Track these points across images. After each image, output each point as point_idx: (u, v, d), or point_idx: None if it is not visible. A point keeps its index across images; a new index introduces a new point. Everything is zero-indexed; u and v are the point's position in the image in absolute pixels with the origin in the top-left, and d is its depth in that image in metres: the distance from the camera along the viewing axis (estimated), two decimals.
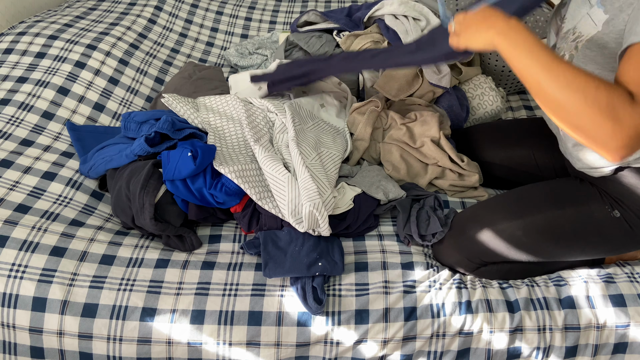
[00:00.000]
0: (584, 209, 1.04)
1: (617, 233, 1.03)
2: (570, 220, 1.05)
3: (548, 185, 1.11)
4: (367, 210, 1.19)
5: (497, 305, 1.05)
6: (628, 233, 1.02)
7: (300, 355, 1.03)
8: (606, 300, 1.06)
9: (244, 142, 1.30)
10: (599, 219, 1.03)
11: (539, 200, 1.09)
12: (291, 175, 1.14)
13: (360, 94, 1.60)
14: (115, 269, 1.05)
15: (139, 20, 1.85)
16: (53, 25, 1.67)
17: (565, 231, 1.05)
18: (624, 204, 1.01)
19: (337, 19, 1.67)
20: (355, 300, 1.04)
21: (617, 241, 1.04)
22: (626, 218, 1.01)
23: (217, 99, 1.40)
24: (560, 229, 1.05)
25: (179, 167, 1.12)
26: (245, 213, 1.17)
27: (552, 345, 1.04)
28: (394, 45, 1.34)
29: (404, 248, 1.15)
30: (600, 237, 1.04)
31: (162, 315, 1.00)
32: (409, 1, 1.61)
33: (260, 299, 1.03)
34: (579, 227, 1.04)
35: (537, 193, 1.11)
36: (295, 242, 1.10)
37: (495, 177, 1.37)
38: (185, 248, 1.13)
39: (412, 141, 1.35)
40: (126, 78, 1.62)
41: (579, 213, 1.04)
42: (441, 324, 1.03)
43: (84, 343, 0.99)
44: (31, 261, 1.03)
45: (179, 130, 1.25)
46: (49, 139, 1.35)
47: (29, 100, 1.40)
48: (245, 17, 2.10)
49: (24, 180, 1.19)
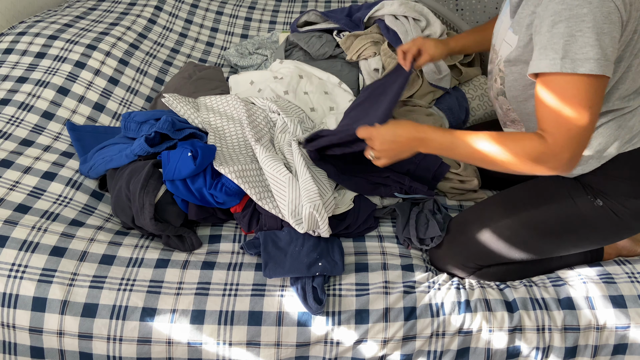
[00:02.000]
0: (568, 202, 1.05)
1: (604, 222, 1.03)
2: (556, 214, 1.06)
3: (532, 184, 1.13)
4: (366, 210, 1.19)
5: (495, 305, 1.05)
6: (614, 221, 1.03)
7: (300, 355, 1.03)
8: (606, 301, 1.06)
9: (244, 142, 1.30)
10: (584, 210, 1.04)
11: (523, 198, 1.10)
12: (292, 176, 1.14)
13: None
14: (115, 269, 1.05)
15: (139, 20, 1.85)
16: (53, 25, 1.67)
17: (552, 225, 1.06)
18: (605, 194, 1.02)
19: (337, 19, 1.68)
20: (356, 300, 1.04)
21: (606, 230, 1.05)
22: (610, 207, 1.02)
23: (218, 99, 1.40)
24: (547, 223, 1.06)
25: (179, 167, 1.12)
26: (245, 213, 1.17)
27: (552, 345, 1.05)
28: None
29: (403, 251, 1.15)
30: (588, 227, 1.05)
31: (162, 315, 1.00)
32: (409, 2, 1.61)
33: (260, 299, 1.03)
34: (565, 220, 1.05)
35: (522, 192, 1.12)
36: (295, 242, 1.10)
37: (494, 179, 1.37)
38: (185, 248, 1.13)
39: None
40: (126, 78, 1.62)
41: (563, 206, 1.05)
42: (441, 323, 1.03)
43: (84, 343, 0.99)
44: (31, 261, 1.03)
45: (179, 130, 1.25)
46: (49, 139, 1.35)
47: (29, 100, 1.40)
48: (245, 17, 2.10)
49: (24, 180, 1.19)
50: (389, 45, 1.56)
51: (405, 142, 0.99)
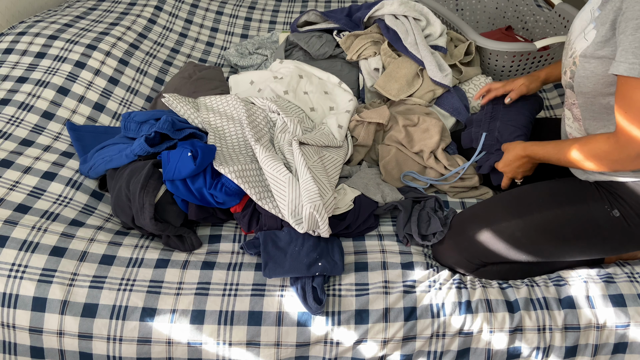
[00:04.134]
0: (583, 208, 1.04)
1: (616, 232, 1.03)
2: (569, 219, 1.05)
3: (547, 185, 1.12)
4: (367, 210, 1.19)
5: (497, 305, 1.05)
6: (627, 232, 1.02)
7: (300, 355, 1.03)
8: (606, 300, 1.06)
9: (244, 142, 1.30)
10: (598, 218, 1.03)
11: (537, 200, 1.09)
12: (292, 176, 1.14)
13: (360, 94, 1.60)
14: (115, 269, 1.05)
15: (139, 20, 1.85)
16: (53, 25, 1.67)
17: (564, 231, 1.05)
18: (624, 202, 1.01)
19: (337, 19, 1.68)
20: (355, 300, 1.04)
21: (616, 241, 1.04)
22: (625, 216, 1.01)
23: (218, 98, 1.40)
24: (560, 228, 1.05)
25: (179, 167, 1.12)
26: (245, 213, 1.17)
27: (552, 345, 1.04)
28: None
29: (403, 248, 1.15)
30: (599, 236, 1.04)
31: (162, 315, 1.00)
32: (409, 1, 1.61)
33: (260, 299, 1.03)
34: (578, 227, 1.04)
35: (536, 193, 1.11)
36: (295, 242, 1.10)
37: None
38: (185, 248, 1.13)
39: (410, 145, 1.35)
40: (126, 78, 1.62)
41: (577, 212, 1.04)
42: (441, 324, 1.03)
43: (84, 343, 0.99)
44: (31, 261, 1.03)
45: (179, 130, 1.25)
46: (49, 139, 1.35)
47: (29, 100, 1.40)
48: (245, 17, 2.10)
49: (24, 180, 1.19)
50: (389, 44, 1.56)
51: (518, 161, 1.17)
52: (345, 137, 1.38)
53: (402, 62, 1.51)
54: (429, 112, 1.46)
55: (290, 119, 1.33)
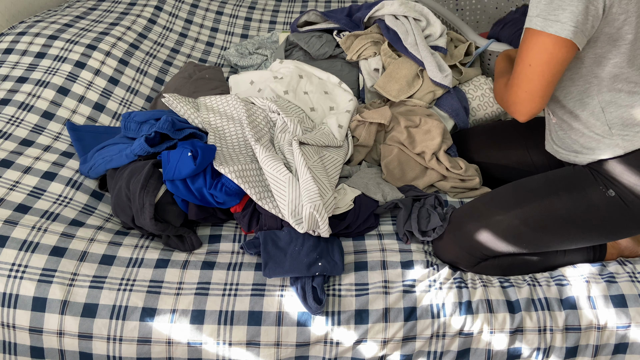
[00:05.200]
0: (579, 192, 1.05)
1: (614, 213, 1.03)
2: (567, 205, 1.05)
3: (543, 175, 1.13)
4: (367, 210, 1.19)
5: (497, 306, 1.05)
6: (625, 212, 1.03)
7: (300, 355, 1.03)
8: (607, 301, 1.06)
9: (244, 142, 1.30)
10: (595, 200, 1.04)
11: (534, 189, 1.10)
12: (292, 176, 1.14)
13: (360, 94, 1.60)
14: (115, 269, 1.05)
15: (139, 20, 1.85)
16: (53, 25, 1.67)
17: (562, 216, 1.06)
18: (616, 181, 1.02)
19: (337, 19, 1.67)
20: (355, 300, 1.04)
21: (616, 222, 1.05)
22: (621, 196, 1.02)
23: (218, 98, 1.40)
24: (557, 214, 1.06)
25: (179, 167, 1.12)
26: (245, 213, 1.17)
27: (553, 345, 1.04)
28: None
29: (403, 246, 1.14)
30: (598, 218, 1.05)
31: (162, 315, 1.00)
32: (409, 2, 1.61)
33: (260, 299, 1.03)
34: (576, 211, 1.05)
35: (532, 183, 1.12)
36: (295, 242, 1.10)
37: (494, 178, 1.37)
38: (185, 248, 1.13)
39: (411, 146, 1.35)
40: (126, 78, 1.62)
41: (574, 196, 1.05)
42: (441, 324, 1.03)
43: (84, 343, 0.99)
44: (31, 261, 1.03)
45: (179, 130, 1.25)
46: (49, 139, 1.34)
47: (29, 100, 1.40)
48: (245, 17, 2.10)
49: (24, 180, 1.19)
50: (389, 45, 1.56)
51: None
52: (345, 137, 1.38)
53: (402, 63, 1.51)
54: (430, 114, 1.45)
55: (291, 119, 1.33)
